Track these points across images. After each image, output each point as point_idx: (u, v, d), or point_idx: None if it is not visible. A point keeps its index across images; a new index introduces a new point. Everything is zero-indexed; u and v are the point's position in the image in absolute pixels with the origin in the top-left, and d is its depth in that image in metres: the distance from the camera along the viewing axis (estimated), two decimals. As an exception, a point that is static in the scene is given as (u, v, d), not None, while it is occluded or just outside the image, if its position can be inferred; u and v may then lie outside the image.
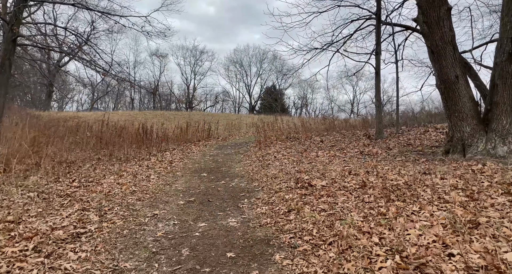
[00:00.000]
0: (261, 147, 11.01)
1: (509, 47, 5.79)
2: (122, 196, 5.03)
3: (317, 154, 8.86)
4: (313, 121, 15.31)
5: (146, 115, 21.85)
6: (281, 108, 48.64)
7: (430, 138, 9.39)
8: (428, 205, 3.51)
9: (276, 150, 10.12)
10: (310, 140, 11.55)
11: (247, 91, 52.76)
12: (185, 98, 48.85)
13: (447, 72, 6.50)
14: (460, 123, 6.53)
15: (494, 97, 6.18)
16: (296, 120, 16.79)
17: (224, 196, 5.12)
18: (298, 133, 13.36)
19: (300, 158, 8.40)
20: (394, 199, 3.86)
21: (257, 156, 9.41)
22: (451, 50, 6.43)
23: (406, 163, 6.45)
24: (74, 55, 16.36)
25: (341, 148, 9.56)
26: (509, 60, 5.82)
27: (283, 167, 7.26)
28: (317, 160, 7.85)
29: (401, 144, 9.26)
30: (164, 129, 14.03)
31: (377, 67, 10.58)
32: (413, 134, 10.22)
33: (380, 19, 10.90)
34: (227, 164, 8.51)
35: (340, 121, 14.79)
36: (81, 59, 15.61)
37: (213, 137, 14.88)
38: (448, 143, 7.05)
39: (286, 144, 11.17)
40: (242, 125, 19.54)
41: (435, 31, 6.48)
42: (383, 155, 7.97)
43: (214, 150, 11.41)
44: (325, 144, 10.36)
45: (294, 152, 9.40)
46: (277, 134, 13.42)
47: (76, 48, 15.99)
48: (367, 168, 6.21)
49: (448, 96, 6.66)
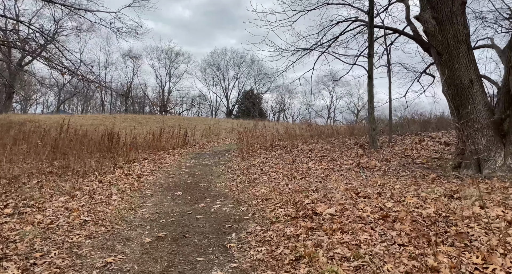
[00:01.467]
0: (244, 156, 9.89)
1: None
2: (67, 231, 3.77)
3: (309, 166, 7.87)
4: (298, 127, 14.38)
5: (116, 119, 20.18)
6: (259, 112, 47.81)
7: (427, 148, 8.65)
8: (491, 253, 2.54)
9: (261, 160, 9.04)
10: (297, 149, 10.57)
11: (225, 95, 51.60)
12: (160, 101, 46.93)
13: (460, 75, 5.70)
14: (474, 134, 5.74)
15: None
16: (279, 127, 15.83)
17: (204, 228, 3.97)
18: (283, 141, 12.37)
19: (290, 170, 7.36)
20: (437, 240, 2.87)
21: (241, 167, 8.29)
22: (465, 50, 5.64)
23: (417, 180, 5.56)
24: (38, 54, 14.70)
25: (333, 158, 8.63)
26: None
27: (273, 183, 6.19)
28: (311, 174, 6.84)
29: (398, 154, 8.45)
30: (134, 135, 12.62)
31: (369, 71, 9.79)
32: (408, 144, 9.47)
33: (373, 19, 10.16)
34: (206, 178, 7.33)
35: (325, 128, 13.95)
36: (44, 59, 14.00)
37: (190, 144, 13.60)
38: (458, 156, 6.25)
39: (272, 153, 10.13)
40: (221, 131, 18.35)
41: (446, 28, 5.68)
42: (383, 168, 7.09)
43: (190, 159, 10.17)
44: (315, 154, 9.40)
45: (282, 163, 8.37)
46: (260, 141, 12.37)
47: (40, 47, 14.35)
48: (374, 186, 5.27)
49: (460, 103, 5.86)
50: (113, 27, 13.85)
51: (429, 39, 6.83)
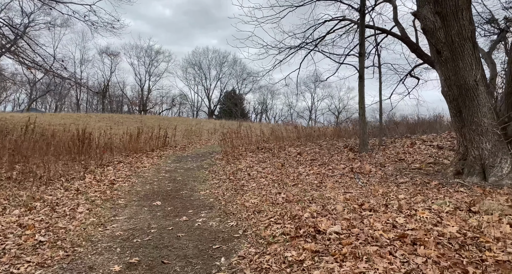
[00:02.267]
0: (229, 159, 9.26)
1: None
2: (15, 256, 3.04)
3: (299, 171, 7.34)
4: (283, 129, 13.87)
5: (91, 119, 19.05)
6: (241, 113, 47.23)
7: (421, 152, 8.30)
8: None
9: (248, 164, 8.44)
10: (285, 151, 10.03)
11: (206, 95, 50.70)
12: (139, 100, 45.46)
13: (465, 75, 5.31)
14: (479, 139, 5.36)
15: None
16: (264, 128, 15.27)
17: (187, 250, 3.33)
18: (269, 143, 11.82)
19: (280, 176, 6.80)
20: (475, 272, 2.36)
21: (226, 172, 7.66)
22: (470, 48, 5.25)
23: (421, 189, 5.11)
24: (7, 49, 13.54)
25: (324, 162, 8.14)
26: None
27: (263, 191, 5.61)
28: (303, 180, 6.30)
29: (391, 158, 8.06)
30: (109, 136, 11.73)
31: (361, 70, 9.39)
32: (399, 147, 9.12)
33: (364, 16, 9.78)
34: (188, 185, 6.66)
35: (312, 130, 13.51)
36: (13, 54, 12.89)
37: (170, 145, 12.82)
38: (459, 162, 5.87)
39: (258, 156, 9.54)
40: (203, 132, 17.61)
41: (451, 24, 5.27)
42: (378, 173, 6.65)
43: (171, 162, 9.44)
44: (304, 157, 8.89)
45: (271, 168, 7.80)
46: (245, 143, 11.76)
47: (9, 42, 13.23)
48: (376, 195, 4.78)
49: (464, 105, 5.47)
50: (87, 21, 12.93)
51: (427, 36, 6.43)
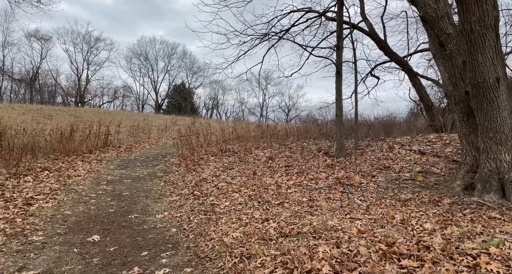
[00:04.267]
0: (188, 165, 7.73)
1: None
2: None
3: (277, 182, 6.12)
4: (245, 126, 12.58)
5: (14, 110, 15.94)
6: (191, 108, 44.95)
7: (403, 158, 7.58)
8: None
9: (213, 171, 7.01)
10: (252, 155, 8.76)
11: (153, 88, 47.44)
12: (76, 91, 40.86)
13: (484, 72, 4.48)
14: (496, 149, 4.58)
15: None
16: (217, 125, 13.83)
17: None
18: (231, 144, 10.44)
19: (257, 189, 5.51)
20: None
21: (187, 183, 6.18)
22: (493, 39, 4.43)
23: (437, 210, 4.17)
24: None
25: (301, 170, 7.02)
26: None
27: (243, 214, 4.28)
28: (287, 196, 5.09)
29: (375, 166, 7.21)
30: (34, 134, 9.44)
31: (339, 66, 8.43)
32: (378, 152, 8.35)
33: (342, 5, 8.80)
34: (139, 203, 5.07)
35: (276, 129, 12.40)
36: None
37: (113, 145, 10.82)
38: (467, 174, 5.10)
39: (223, 160, 8.14)
40: (152, 129, 15.62)
41: (471, 9, 4.37)
42: (371, 186, 5.68)
43: (114, 168, 7.65)
44: (277, 163, 7.69)
45: (241, 177, 6.47)
46: (205, 144, 10.25)
47: None
48: (393, 223, 3.72)
49: (480, 108, 4.65)
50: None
51: (427, 26, 5.57)
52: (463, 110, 5.20)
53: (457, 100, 5.26)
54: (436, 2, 5.51)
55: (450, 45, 5.32)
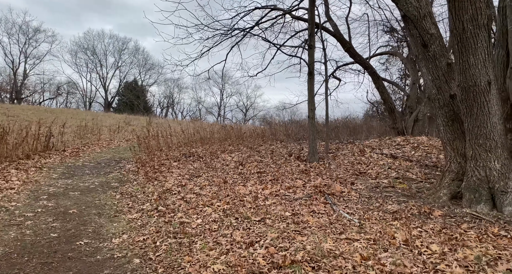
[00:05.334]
0: (148, 172, 6.83)
1: None
2: None
3: (250, 191, 5.53)
4: (207, 127, 11.80)
5: None
6: (144, 107, 42.64)
7: (377, 163, 7.38)
8: None
9: (177, 180, 6.21)
10: (219, 159, 8.06)
11: (102, 85, 44.31)
12: (11, 86, 36.69)
13: (476, 74, 4.26)
14: (486, 156, 4.40)
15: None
16: (184, 125, 12.89)
17: None
18: (195, 147, 9.62)
19: (231, 202, 4.86)
20: None
21: (149, 195, 5.34)
22: (485, 39, 4.22)
23: (434, 226, 3.86)
24: None
25: (275, 177, 6.50)
26: None
27: (222, 237, 3.62)
28: (267, 209, 4.50)
29: (350, 171, 6.90)
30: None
31: (311, 66, 8.04)
32: (349, 156, 8.10)
33: (314, 1, 8.42)
34: (90, 224, 4.18)
35: (241, 131, 11.79)
36: None
37: (56, 149, 9.45)
38: (453, 183, 4.89)
39: (187, 166, 7.35)
40: (102, 129, 14.17)
41: (464, 6, 4.12)
42: (353, 195, 5.30)
43: (58, 178, 6.52)
44: (248, 169, 7.09)
45: (211, 186, 5.77)
46: (165, 147, 9.32)
47: None
48: (395, 244, 3.30)
49: (469, 113, 4.44)
50: None
51: (410, 26, 5.28)
52: (448, 115, 5.00)
53: (441, 104, 5.05)
54: (418, 0, 5.27)
55: (434, 46, 5.09)
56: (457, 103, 4.93)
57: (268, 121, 17.05)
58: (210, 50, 10.52)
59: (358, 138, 10.37)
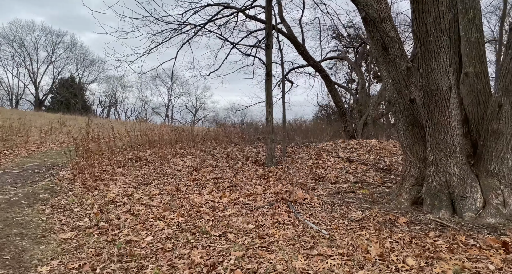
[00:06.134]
0: (87, 179, 5.96)
1: None
2: None
3: (207, 199, 5.03)
4: (154, 128, 10.95)
5: None
6: (82, 106, 39.26)
7: (334, 167, 7.31)
8: None
9: (122, 188, 5.47)
10: (170, 164, 7.38)
11: (32, 81, 39.94)
12: None
13: (438, 78, 4.24)
14: (446, 161, 4.42)
15: (492, 124, 4.38)
16: (129, 127, 11.83)
17: None
18: (142, 150, 8.77)
19: (186, 213, 4.32)
20: None
21: (87, 208, 4.57)
22: (446, 43, 4.22)
23: (402, 235, 3.73)
24: None
25: (233, 183, 6.06)
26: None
27: (177, 258, 3.09)
28: (227, 221, 4.05)
29: (308, 175, 6.72)
30: None
31: (268, 66, 7.76)
32: (306, 159, 7.94)
33: (271, 0, 8.16)
34: (8, 248, 3.36)
35: (192, 133, 11.11)
36: None
37: (-29, 152, 7.99)
38: (413, 188, 4.88)
39: (133, 172, 6.58)
40: (32, 130, 12.49)
41: (427, 9, 4.07)
42: (316, 202, 5.07)
43: (-31, 189, 5.38)
44: (202, 174, 6.55)
45: (162, 195, 5.15)
46: (107, 150, 8.36)
47: None
48: (370, 259, 3.07)
49: (431, 118, 4.43)
50: None
51: (370, 28, 5.19)
52: (408, 119, 4.99)
53: (401, 108, 5.03)
54: (377, 3, 5.22)
55: (394, 50, 5.06)
56: (417, 108, 4.94)
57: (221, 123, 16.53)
58: (160, 46, 9.77)
59: (311, 141, 10.33)
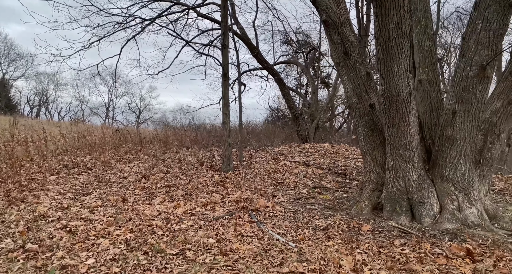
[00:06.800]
0: (11, 191, 5.05)
1: (481, 57, 4.20)
2: None
3: (159, 210, 4.52)
4: (97, 131, 9.95)
5: None
6: (6, 104, 34.94)
7: (291, 171, 7.17)
8: None
9: (56, 200, 4.71)
10: (114, 170, 6.64)
11: None
12: None
13: (399, 84, 4.26)
14: (405, 167, 4.46)
15: (446, 130, 4.50)
16: (64, 129, 10.59)
17: None
18: (82, 155, 7.82)
19: (136, 228, 3.79)
20: None
21: (10, 226, 3.81)
22: (407, 49, 4.25)
23: (370, 245, 3.63)
24: None
25: (188, 191, 5.60)
26: (478, 77, 4.23)
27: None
28: (186, 237, 3.62)
29: (267, 181, 6.49)
30: None
31: (225, 67, 7.41)
32: (264, 163, 7.71)
33: (228, 0, 7.83)
34: None
35: (139, 135, 10.28)
36: None
37: None
38: (373, 193, 4.87)
39: (70, 180, 5.77)
40: None
41: (390, 13, 4.06)
42: (277, 210, 4.83)
43: None
44: (153, 182, 5.96)
45: (106, 207, 4.52)
46: (37, 156, 7.30)
47: None
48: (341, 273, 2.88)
49: (391, 123, 4.44)
50: None
51: (331, 31, 5.11)
52: (368, 125, 4.98)
53: (361, 113, 5.01)
54: (338, 6, 5.16)
55: (354, 54, 5.04)
56: (376, 113, 4.96)
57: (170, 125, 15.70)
58: (102, 40, 8.92)
59: (266, 144, 10.16)
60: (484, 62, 4.19)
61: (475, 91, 4.27)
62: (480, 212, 4.20)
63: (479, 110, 4.35)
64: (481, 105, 4.34)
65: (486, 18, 4.15)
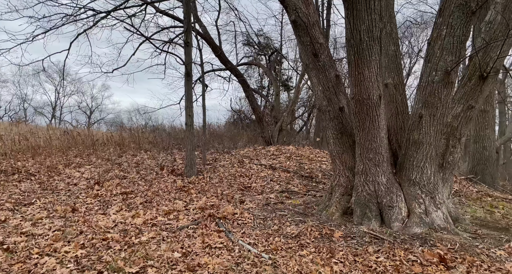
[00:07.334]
0: None
1: (446, 63, 4.28)
2: None
3: (116, 221, 4.08)
4: (42, 132, 9.02)
5: None
6: None
7: (258, 175, 6.96)
8: None
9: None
10: (62, 176, 5.97)
11: None
12: None
13: (369, 87, 4.22)
14: (375, 171, 4.43)
15: (413, 134, 4.54)
16: (3, 129, 9.46)
17: None
18: (23, 159, 6.97)
19: (88, 243, 3.34)
20: None
21: None
22: (377, 52, 4.21)
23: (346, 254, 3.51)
24: None
25: (148, 198, 5.15)
26: (443, 82, 4.31)
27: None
28: (147, 251, 3.24)
29: (234, 186, 6.21)
30: None
31: (188, 66, 7.02)
32: (230, 167, 7.41)
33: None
34: None
35: (92, 137, 9.48)
36: None
37: None
38: (343, 197, 4.79)
39: (7, 188, 5.05)
40: None
41: (361, 16, 4.00)
42: (246, 217, 4.58)
43: None
44: (107, 189, 5.42)
45: (52, 219, 3.97)
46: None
47: None
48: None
49: (362, 127, 4.39)
50: None
51: (300, 32, 4.98)
52: (337, 128, 4.91)
53: (331, 116, 4.93)
54: (307, 7, 5.06)
55: (323, 56, 4.96)
56: (346, 116, 4.91)
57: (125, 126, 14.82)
58: (48, 33, 8.14)
59: (229, 147, 9.87)
60: (449, 68, 4.27)
61: (440, 96, 4.35)
62: (445, 215, 4.28)
63: (444, 115, 4.44)
64: (446, 110, 4.43)
65: (450, 24, 4.23)
